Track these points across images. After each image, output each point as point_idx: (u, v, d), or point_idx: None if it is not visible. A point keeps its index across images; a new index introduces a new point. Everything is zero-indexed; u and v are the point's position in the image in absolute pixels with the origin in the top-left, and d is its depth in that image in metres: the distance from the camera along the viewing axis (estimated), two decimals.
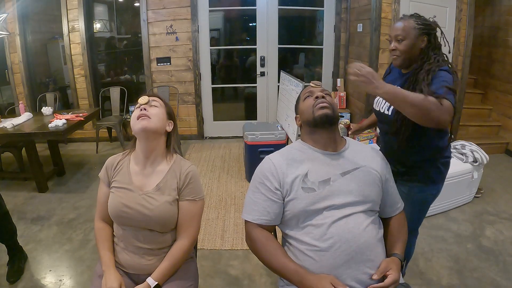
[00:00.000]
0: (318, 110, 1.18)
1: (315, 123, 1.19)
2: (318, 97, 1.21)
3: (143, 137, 1.20)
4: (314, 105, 1.20)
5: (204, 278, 1.99)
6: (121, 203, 1.19)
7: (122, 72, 4.99)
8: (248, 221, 1.18)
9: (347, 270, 1.06)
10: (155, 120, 1.20)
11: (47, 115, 3.48)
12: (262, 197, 1.16)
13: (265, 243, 1.14)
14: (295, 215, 1.13)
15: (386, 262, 1.09)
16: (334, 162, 1.18)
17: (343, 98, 4.36)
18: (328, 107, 1.18)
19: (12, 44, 4.28)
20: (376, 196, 1.17)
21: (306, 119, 1.23)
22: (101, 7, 4.75)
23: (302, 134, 1.29)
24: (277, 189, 1.15)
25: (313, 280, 1.02)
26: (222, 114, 4.77)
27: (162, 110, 1.25)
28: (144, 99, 1.23)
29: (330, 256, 1.06)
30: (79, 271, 2.09)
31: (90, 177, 3.51)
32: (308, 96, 1.25)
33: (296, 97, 1.38)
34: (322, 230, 1.08)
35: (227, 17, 4.70)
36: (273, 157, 1.22)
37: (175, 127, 1.30)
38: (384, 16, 3.46)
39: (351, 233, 1.07)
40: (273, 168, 1.17)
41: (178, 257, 1.21)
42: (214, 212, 2.75)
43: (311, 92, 1.25)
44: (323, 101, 1.20)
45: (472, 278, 1.99)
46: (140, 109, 1.21)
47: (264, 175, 1.18)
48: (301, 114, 1.27)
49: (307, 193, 1.12)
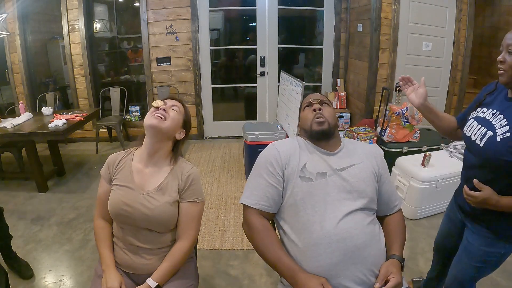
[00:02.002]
0: (316, 125, 1.23)
1: (311, 136, 1.25)
2: (316, 109, 1.25)
3: (151, 134, 1.21)
4: (312, 119, 1.24)
5: (204, 278, 1.99)
6: (121, 201, 1.19)
7: (122, 72, 5.00)
8: (248, 207, 1.19)
9: (344, 270, 1.05)
10: (168, 122, 1.20)
11: (47, 115, 3.48)
12: (264, 182, 1.18)
13: (263, 232, 1.14)
14: (291, 205, 1.14)
15: (385, 267, 1.08)
16: (331, 159, 1.21)
17: (343, 98, 4.36)
18: (324, 122, 1.22)
19: (12, 44, 4.28)
20: (372, 192, 1.18)
21: (304, 128, 1.29)
22: (101, 7, 4.76)
23: (301, 134, 1.33)
24: (279, 175, 1.17)
25: (304, 279, 1.02)
26: (222, 114, 4.77)
27: (180, 117, 1.26)
28: (160, 102, 1.23)
29: (324, 252, 1.06)
30: (79, 271, 2.09)
31: (90, 177, 3.51)
32: (307, 106, 1.29)
33: (296, 97, 1.40)
34: (319, 225, 1.09)
35: (227, 17, 4.70)
36: (278, 144, 1.26)
37: (186, 137, 1.30)
38: (384, 16, 3.46)
39: (348, 232, 1.07)
40: (277, 154, 1.20)
41: (178, 258, 1.21)
42: (214, 212, 2.75)
43: (310, 102, 1.29)
44: (320, 115, 1.23)
45: None
46: (159, 108, 1.22)
47: (268, 161, 1.20)
48: (301, 121, 1.31)
49: (304, 182, 1.14)
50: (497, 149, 1.10)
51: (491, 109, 1.20)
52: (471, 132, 1.23)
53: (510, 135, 1.08)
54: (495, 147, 1.10)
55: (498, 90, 1.23)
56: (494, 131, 1.13)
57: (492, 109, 1.20)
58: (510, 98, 1.15)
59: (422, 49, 3.61)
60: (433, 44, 3.61)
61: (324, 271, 1.05)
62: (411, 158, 2.78)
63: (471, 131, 1.23)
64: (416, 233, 2.45)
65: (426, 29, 3.56)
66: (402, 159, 2.79)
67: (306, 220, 1.11)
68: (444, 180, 2.55)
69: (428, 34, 3.58)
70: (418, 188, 2.54)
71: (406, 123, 3.14)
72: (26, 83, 4.40)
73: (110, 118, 4.26)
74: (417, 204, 2.58)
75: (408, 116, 3.10)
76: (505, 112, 1.13)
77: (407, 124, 3.14)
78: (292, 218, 1.14)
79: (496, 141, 1.11)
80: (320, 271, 1.05)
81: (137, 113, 4.59)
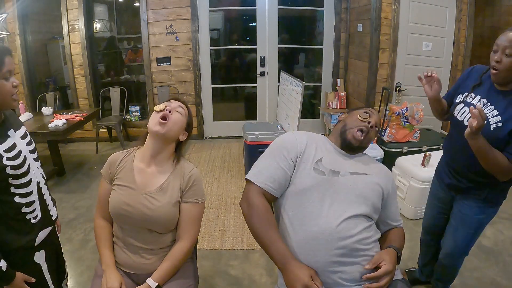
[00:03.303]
0: (352, 135, 1.23)
1: (341, 135, 1.26)
2: (363, 129, 1.23)
3: (154, 138, 1.21)
4: (358, 125, 1.24)
5: (204, 278, 1.99)
6: (122, 201, 1.19)
7: (122, 72, 5.00)
8: (252, 184, 1.17)
9: (341, 268, 1.06)
10: (171, 126, 1.20)
11: (47, 115, 3.48)
12: (274, 164, 1.18)
13: (263, 212, 1.11)
14: (297, 192, 1.14)
15: (379, 254, 1.10)
16: (347, 161, 1.23)
17: (343, 98, 4.36)
18: (360, 140, 1.23)
19: (12, 44, 4.27)
20: (377, 203, 1.18)
21: (345, 124, 1.28)
22: (101, 7, 4.76)
23: (332, 131, 1.34)
24: (292, 161, 1.18)
25: (295, 268, 1.02)
26: (222, 114, 4.77)
27: (184, 119, 1.25)
28: (162, 106, 1.22)
29: (324, 248, 1.06)
30: (79, 271, 2.09)
31: (90, 177, 3.51)
32: (363, 112, 1.28)
33: (296, 97, 1.42)
34: (323, 220, 1.09)
35: (227, 17, 4.70)
36: (296, 133, 1.29)
37: (188, 138, 1.30)
38: (384, 16, 3.46)
39: (350, 232, 1.07)
40: (294, 141, 1.22)
41: (179, 258, 1.21)
42: (214, 212, 2.75)
43: (367, 115, 1.27)
44: (363, 133, 1.23)
45: (472, 278, 1.99)
46: (164, 110, 1.20)
47: (283, 145, 1.21)
48: (348, 117, 1.31)
49: (317, 174, 1.15)
50: (489, 136, 1.22)
51: (479, 96, 1.34)
52: (463, 116, 1.36)
53: (502, 125, 1.24)
54: (487, 134, 1.22)
55: (484, 84, 1.35)
56: (487, 119, 1.25)
57: (480, 97, 1.33)
58: (499, 91, 1.28)
59: (422, 49, 3.61)
60: (433, 44, 3.60)
61: (321, 266, 1.05)
62: (411, 158, 2.78)
63: (462, 116, 1.36)
64: (416, 233, 2.45)
65: (426, 29, 3.56)
66: (402, 159, 2.79)
67: (309, 212, 1.11)
68: None
69: (428, 34, 3.58)
70: (418, 188, 2.54)
71: (406, 123, 3.14)
72: (26, 83, 4.40)
73: (110, 118, 4.26)
74: (417, 204, 2.58)
75: (408, 116, 3.10)
76: (495, 103, 1.27)
77: (407, 124, 3.14)
78: (295, 207, 1.14)
79: (490, 129, 1.25)
80: (318, 266, 1.06)
81: (137, 113, 4.59)
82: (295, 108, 3.09)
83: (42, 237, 1.18)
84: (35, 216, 1.14)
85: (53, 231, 1.26)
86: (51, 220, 1.24)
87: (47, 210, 1.21)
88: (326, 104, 4.46)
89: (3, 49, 1.03)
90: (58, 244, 1.36)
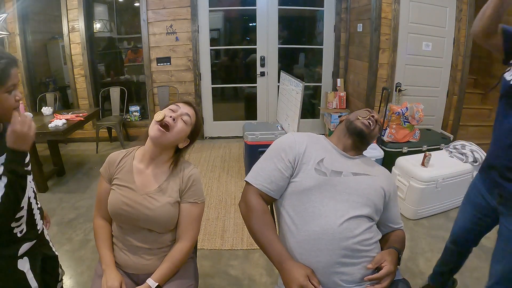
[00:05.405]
0: (361, 122, 1.24)
1: (349, 127, 1.26)
2: (372, 119, 1.26)
3: (153, 143, 1.20)
4: (363, 116, 1.26)
5: (204, 278, 1.99)
6: (121, 201, 1.18)
7: (122, 72, 5.00)
8: (250, 185, 1.19)
9: (343, 269, 1.06)
10: (173, 135, 1.17)
11: (47, 115, 3.48)
12: (272, 165, 1.18)
13: (260, 213, 1.13)
14: (299, 193, 1.14)
15: (381, 254, 1.10)
16: (348, 162, 1.22)
17: (343, 98, 4.36)
18: (370, 128, 1.24)
19: (12, 44, 4.27)
20: (379, 204, 1.18)
21: (349, 119, 1.30)
22: (101, 7, 4.75)
23: (334, 132, 1.34)
24: (290, 162, 1.18)
25: (292, 267, 1.02)
26: (222, 114, 4.77)
27: (188, 128, 1.21)
28: (161, 115, 1.15)
29: (325, 248, 1.06)
30: (79, 271, 2.09)
31: (90, 177, 3.51)
32: (364, 111, 1.31)
33: (296, 97, 1.42)
34: (325, 220, 1.09)
35: (227, 17, 4.70)
36: (296, 134, 1.28)
37: (189, 145, 1.27)
38: (384, 16, 3.46)
39: (352, 233, 1.07)
40: (293, 143, 1.22)
41: (178, 259, 1.21)
42: (214, 212, 2.75)
43: (368, 112, 1.30)
44: (371, 123, 1.25)
45: (472, 278, 1.99)
46: (169, 114, 1.16)
47: (282, 147, 1.21)
48: (351, 115, 1.33)
49: (318, 174, 1.15)
50: None
51: None
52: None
53: None
54: None
55: None
56: None
57: None
58: None
59: (422, 49, 3.60)
60: (433, 44, 3.60)
61: (323, 267, 1.05)
62: (411, 158, 2.78)
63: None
64: (416, 233, 2.45)
65: (426, 29, 3.56)
66: (402, 159, 2.79)
67: (311, 212, 1.11)
68: (444, 180, 2.55)
69: (428, 34, 3.58)
70: (418, 188, 2.54)
71: (406, 123, 3.14)
72: (26, 83, 4.39)
73: (110, 118, 4.26)
74: (417, 204, 2.58)
75: (408, 116, 3.10)
76: None
77: (407, 124, 3.14)
78: (296, 207, 1.14)
79: None
80: (319, 266, 1.06)
81: (137, 113, 4.59)
82: (295, 108, 3.09)
83: (26, 248, 1.15)
84: (21, 230, 1.11)
85: (38, 242, 1.22)
86: (38, 234, 1.21)
87: (34, 225, 1.19)
88: (326, 104, 4.46)
89: (10, 61, 0.98)
90: (48, 250, 1.31)
